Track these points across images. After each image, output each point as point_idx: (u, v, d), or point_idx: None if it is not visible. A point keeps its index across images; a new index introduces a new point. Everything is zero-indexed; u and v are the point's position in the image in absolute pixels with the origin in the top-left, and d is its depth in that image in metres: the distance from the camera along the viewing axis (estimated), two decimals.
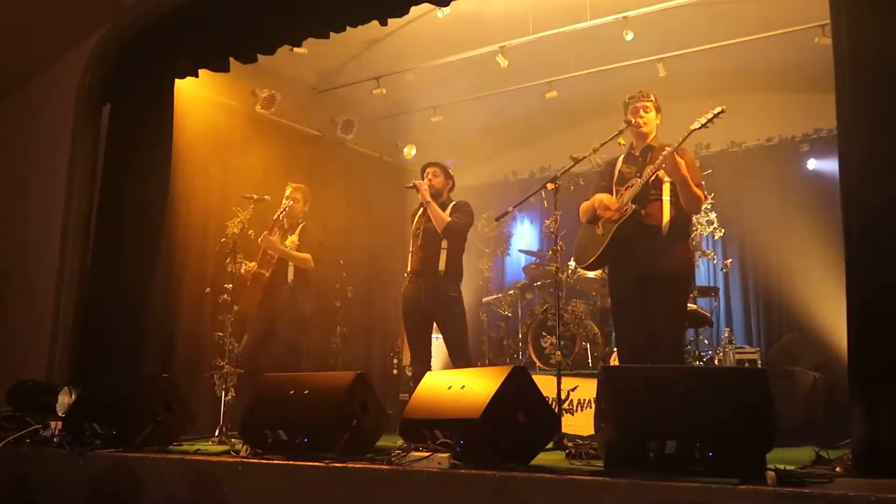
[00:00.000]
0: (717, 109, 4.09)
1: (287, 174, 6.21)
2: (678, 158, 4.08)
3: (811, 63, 5.85)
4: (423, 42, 6.56)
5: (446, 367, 5.51)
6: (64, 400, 4.71)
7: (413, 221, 5.42)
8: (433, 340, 5.41)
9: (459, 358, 5.10)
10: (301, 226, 5.81)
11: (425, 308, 5.17)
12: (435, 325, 5.27)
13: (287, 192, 5.81)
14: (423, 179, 5.34)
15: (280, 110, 7.18)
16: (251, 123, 7.05)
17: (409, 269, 5.35)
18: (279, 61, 5.86)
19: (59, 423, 4.39)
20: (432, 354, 5.32)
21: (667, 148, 4.17)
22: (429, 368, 5.00)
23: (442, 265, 5.16)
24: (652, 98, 4.37)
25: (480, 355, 7.58)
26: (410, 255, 5.36)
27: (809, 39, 5.84)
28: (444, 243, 5.18)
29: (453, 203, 5.35)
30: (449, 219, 5.17)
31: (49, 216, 5.89)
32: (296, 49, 5.72)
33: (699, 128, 4.13)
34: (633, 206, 4.19)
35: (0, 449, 4.16)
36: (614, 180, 4.45)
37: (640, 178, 4.24)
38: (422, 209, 5.37)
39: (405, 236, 5.63)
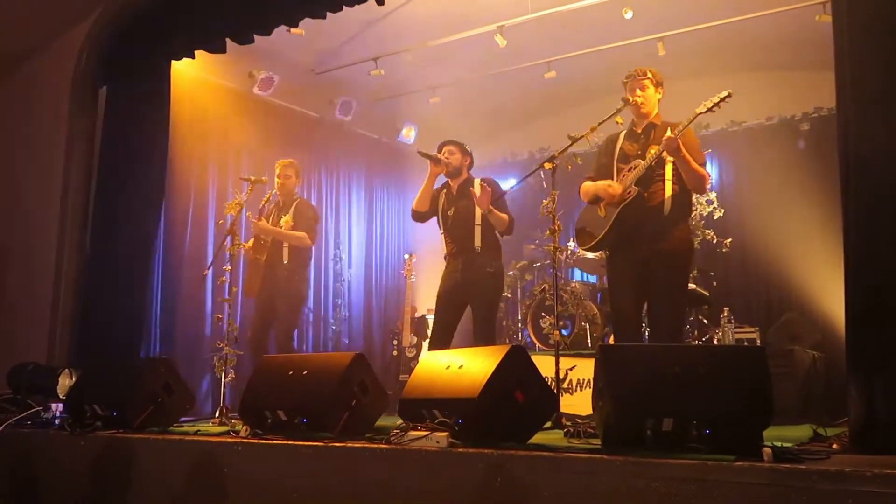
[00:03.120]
0: (724, 94, 4.05)
1: (284, 155, 6.21)
2: (679, 141, 4.07)
3: (811, 41, 5.82)
4: (420, 22, 6.51)
5: None
6: (64, 382, 4.73)
7: (440, 203, 5.26)
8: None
9: (482, 336, 4.95)
10: (295, 204, 5.80)
11: (461, 286, 5.03)
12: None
13: (278, 170, 5.82)
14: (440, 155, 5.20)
15: (277, 92, 7.15)
16: (249, 105, 7.03)
17: (445, 251, 5.23)
18: (276, 42, 5.81)
19: (60, 404, 4.41)
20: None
21: (669, 129, 4.17)
22: None
23: (478, 241, 5.06)
24: (649, 75, 4.34)
25: None
26: (443, 237, 5.26)
27: (810, 17, 5.80)
28: (478, 218, 5.06)
29: (477, 180, 5.23)
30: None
31: (47, 199, 5.88)
32: (293, 30, 5.69)
33: (705, 112, 4.11)
34: (637, 189, 4.18)
35: (1, 431, 4.19)
36: (615, 158, 4.44)
37: (642, 159, 4.23)
38: (445, 189, 5.30)
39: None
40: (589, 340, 6.33)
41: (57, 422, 4.29)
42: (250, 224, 5.67)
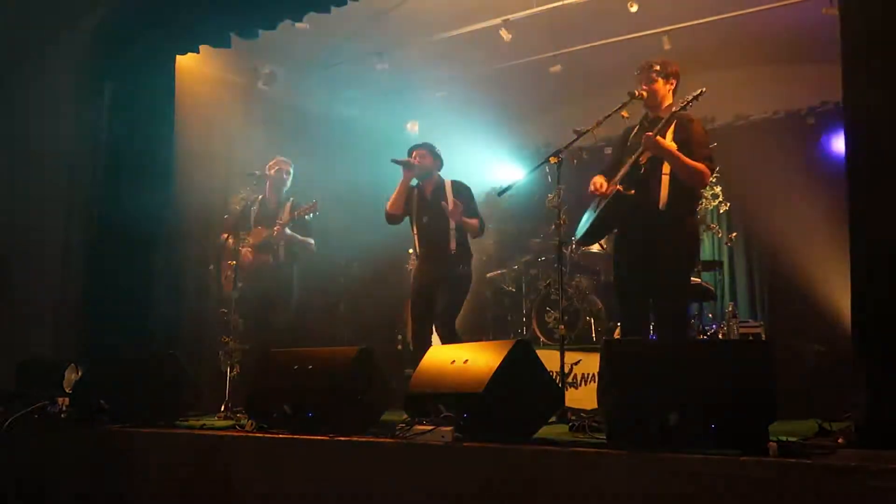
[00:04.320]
0: (698, 91, 4.11)
1: (288, 151, 6.20)
2: (658, 137, 4.08)
3: (818, 34, 5.80)
4: (425, 16, 6.50)
5: None
6: (70, 376, 4.74)
7: (413, 206, 5.35)
8: None
9: (444, 327, 5.08)
10: (287, 204, 5.77)
11: (432, 282, 5.17)
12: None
13: (275, 168, 5.83)
14: (411, 159, 5.32)
15: (282, 86, 7.14)
16: (253, 100, 7.03)
17: (416, 249, 5.32)
18: (281, 37, 5.81)
19: (66, 399, 4.42)
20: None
21: (673, 124, 4.16)
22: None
23: (452, 246, 5.14)
24: (656, 67, 4.31)
25: (484, 331, 7.59)
26: (415, 235, 5.33)
27: (816, 10, 5.77)
28: (453, 223, 5.15)
29: (448, 182, 5.30)
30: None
31: (53, 194, 5.89)
32: (297, 24, 5.68)
33: (679, 110, 4.14)
34: (618, 187, 4.16)
35: (8, 424, 4.20)
36: (625, 151, 4.44)
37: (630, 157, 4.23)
38: (417, 192, 5.34)
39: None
40: (594, 335, 6.33)
41: (63, 416, 4.30)
42: (255, 227, 5.69)
